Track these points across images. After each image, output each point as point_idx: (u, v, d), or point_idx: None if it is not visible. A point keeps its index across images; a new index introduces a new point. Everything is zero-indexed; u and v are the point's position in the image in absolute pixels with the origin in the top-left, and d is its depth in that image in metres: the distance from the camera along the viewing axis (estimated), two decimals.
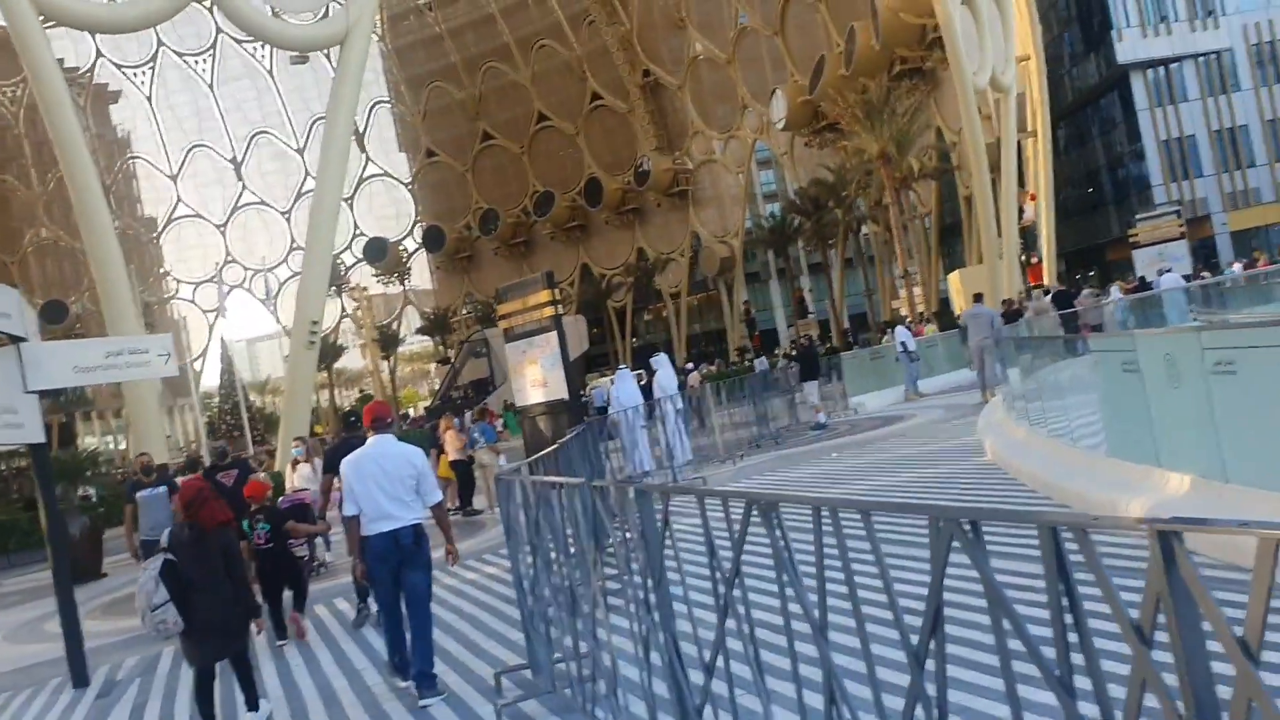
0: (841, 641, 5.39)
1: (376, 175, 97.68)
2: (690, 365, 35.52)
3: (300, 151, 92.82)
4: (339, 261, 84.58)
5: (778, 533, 3.31)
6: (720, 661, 3.91)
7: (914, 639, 2.68)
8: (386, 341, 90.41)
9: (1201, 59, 62.25)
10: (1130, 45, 60.97)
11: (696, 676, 4.40)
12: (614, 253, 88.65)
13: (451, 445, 18.73)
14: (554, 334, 18.59)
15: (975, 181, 43.78)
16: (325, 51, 64.53)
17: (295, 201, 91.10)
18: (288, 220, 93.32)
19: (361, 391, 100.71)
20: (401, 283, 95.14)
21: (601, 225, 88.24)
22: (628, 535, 4.80)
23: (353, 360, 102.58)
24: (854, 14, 65.46)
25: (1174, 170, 62.45)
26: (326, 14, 41.16)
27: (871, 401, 24.47)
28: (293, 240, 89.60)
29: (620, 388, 18.47)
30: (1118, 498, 8.00)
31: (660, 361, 19.44)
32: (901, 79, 60.88)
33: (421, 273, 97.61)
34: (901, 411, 22.12)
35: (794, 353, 24.59)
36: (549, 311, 18.61)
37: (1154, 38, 61.43)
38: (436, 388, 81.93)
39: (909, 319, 25.94)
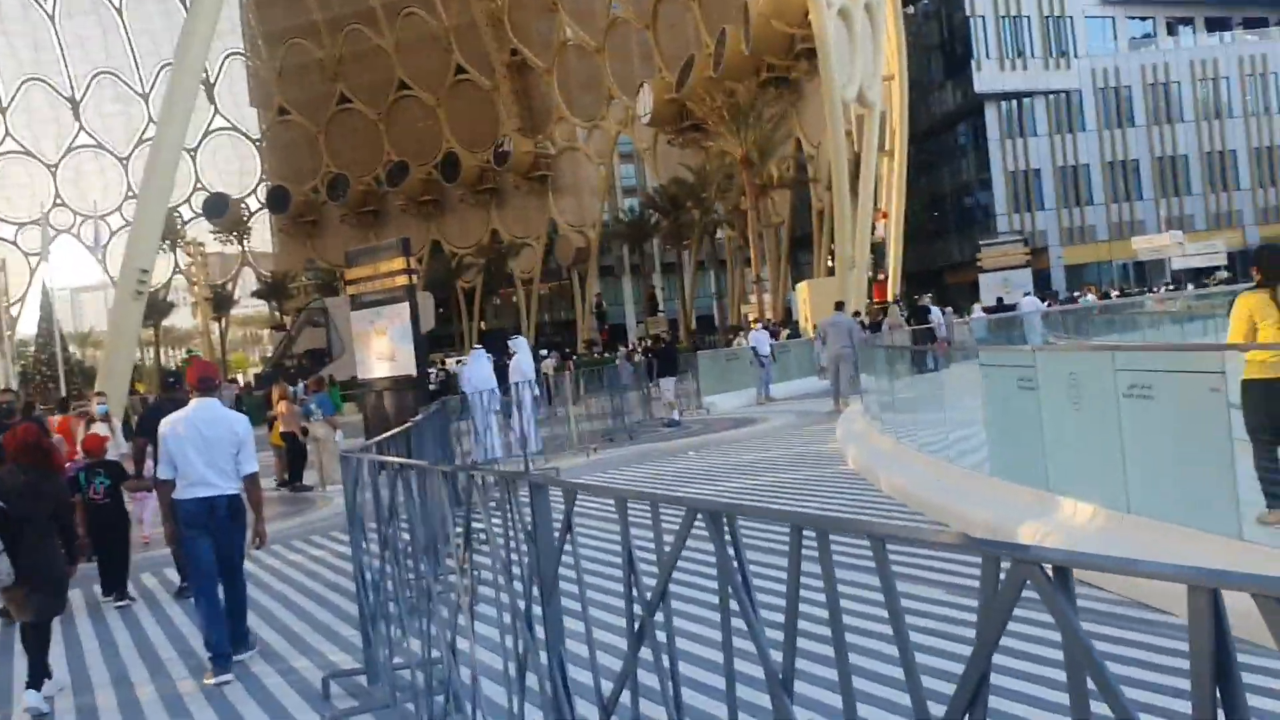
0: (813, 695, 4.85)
1: (224, 129, 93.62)
2: (545, 352, 34.72)
3: (145, 97, 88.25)
4: (175, 214, 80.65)
5: (730, 550, 2.60)
6: (626, 698, 3.18)
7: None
8: (220, 302, 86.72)
9: (1052, 96, 64.51)
10: (988, 76, 62.77)
11: (587, 711, 3.68)
12: (467, 232, 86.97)
13: (284, 415, 17.52)
14: (406, 305, 17.54)
15: (835, 192, 44.16)
16: None
17: (135, 149, 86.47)
18: (125, 167, 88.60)
19: (189, 351, 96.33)
20: (240, 242, 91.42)
21: (456, 202, 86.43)
22: (513, 534, 4.02)
23: (182, 319, 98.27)
24: (726, 16, 65.57)
25: (1018, 201, 64.62)
26: None
27: (723, 402, 24.14)
28: (129, 188, 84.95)
29: (474, 368, 17.56)
30: (1006, 521, 7.60)
31: (519, 344, 18.62)
32: (768, 86, 61.23)
33: (263, 234, 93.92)
34: (754, 414, 21.82)
35: (652, 348, 24.08)
36: (402, 281, 17.57)
37: (1010, 71, 63.41)
38: (269, 355, 78.91)
39: (771, 321, 25.70)
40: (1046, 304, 30.26)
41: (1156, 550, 6.24)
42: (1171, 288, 44.49)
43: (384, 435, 8.08)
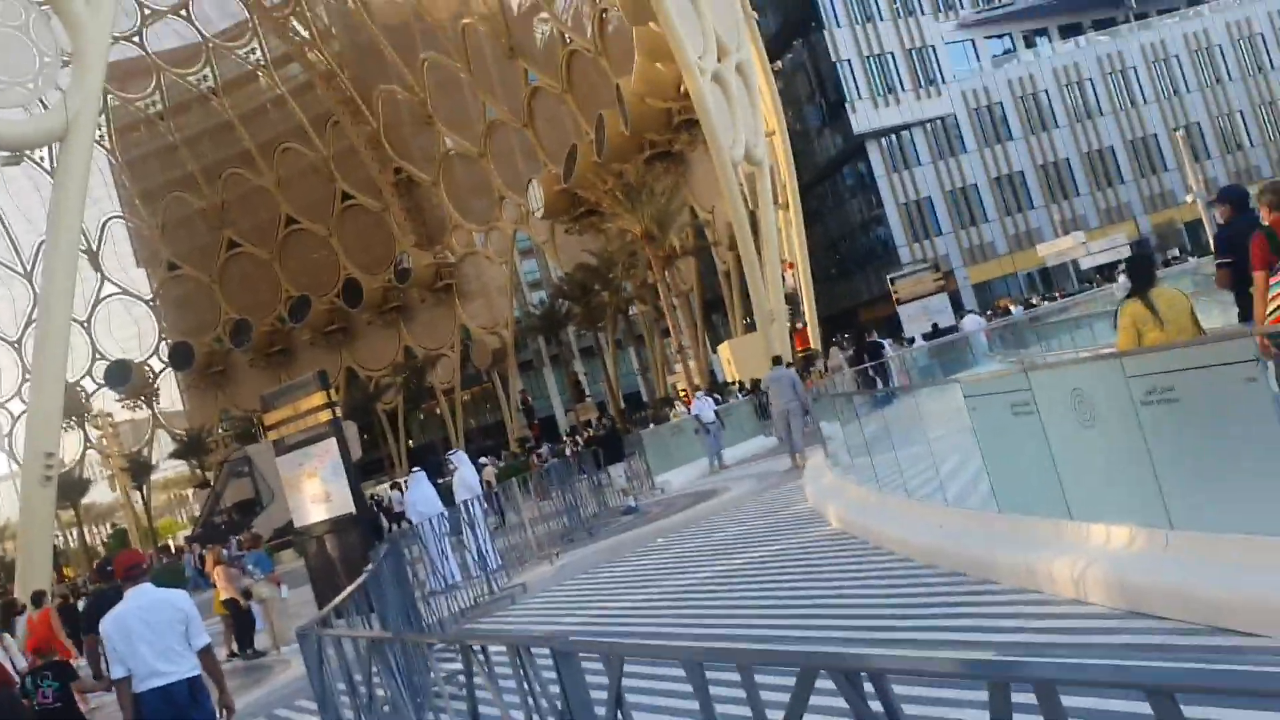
0: None
1: (115, 294, 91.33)
2: (483, 460, 33.74)
3: (27, 276, 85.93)
4: (78, 389, 78.24)
5: None
6: None
7: None
8: (137, 470, 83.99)
9: (929, 125, 65.76)
10: (864, 115, 63.81)
11: None
12: (379, 353, 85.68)
13: (222, 582, 16.36)
14: (333, 440, 16.66)
15: (741, 252, 44.12)
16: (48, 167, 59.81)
17: (24, 330, 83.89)
18: (17, 350, 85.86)
19: (114, 526, 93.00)
20: (150, 406, 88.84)
21: (364, 326, 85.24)
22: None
23: (102, 493, 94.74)
24: (599, 103, 66.11)
25: (915, 230, 65.41)
26: (43, 108, 37.65)
27: (676, 478, 23.42)
28: (25, 371, 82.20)
29: (416, 491, 16.61)
30: (1037, 561, 6.96)
31: (460, 458, 17.71)
32: (653, 162, 61.56)
33: (171, 393, 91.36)
34: (712, 485, 21.08)
35: (594, 436, 23.30)
36: (325, 416, 16.70)
37: (884, 108, 64.55)
38: (197, 514, 76.30)
39: (701, 390, 25.10)
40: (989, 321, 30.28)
41: (1216, 566, 5.65)
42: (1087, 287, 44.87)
43: (340, 597, 7.19)
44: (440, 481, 19.06)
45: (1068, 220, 65.18)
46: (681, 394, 51.96)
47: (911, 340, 33.33)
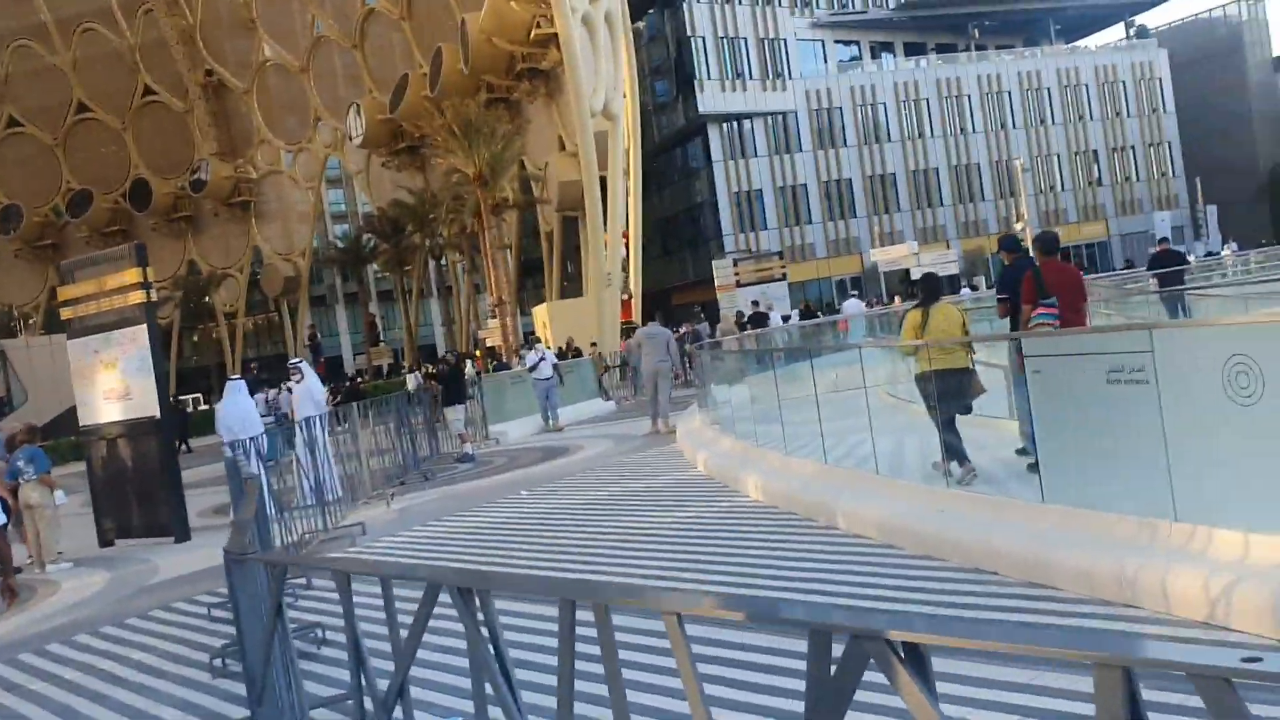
0: None
1: None
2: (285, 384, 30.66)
3: None
4: None
5: None
6: None
7: None
8: None
9: (770, 117, 65.50)
10: (710, 97, 62.93)
11: None
12: (162, 264, 78.99)
13: None
14: (143, 328, 14.01)
15: (588, 206, 42.29)
16: None
17: None
18: None
19: None
20: None
21: (148, 232, 78.68)
22: None
23: None
24: (439, 35, 63.10)
25: (743, 221, 65.06)
26: None
27: (513, 430, 21.50)
28: None
29: (232, 406, 14.10)
30: (1141, 571, 5.54)
31: (306, 368, 15.25)
32: (491, 106, 58.95)
33: None
34: (562, 442, 19.24)
35: (434, 373, 21.10)
36: (137, 297, 14.03)
37: (730, 93, 63.83)
38: None
39: (540, 342, 23.19)
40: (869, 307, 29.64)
41: None
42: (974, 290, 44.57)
43: (247, 511, 5.08)
44: (276, 392, 16.51)
45: (886, 234, 66.20)
46: (477, 354, 49.87)
47: (787, 318, 32.45)
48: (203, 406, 59.06)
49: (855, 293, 35.70)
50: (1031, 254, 9.14)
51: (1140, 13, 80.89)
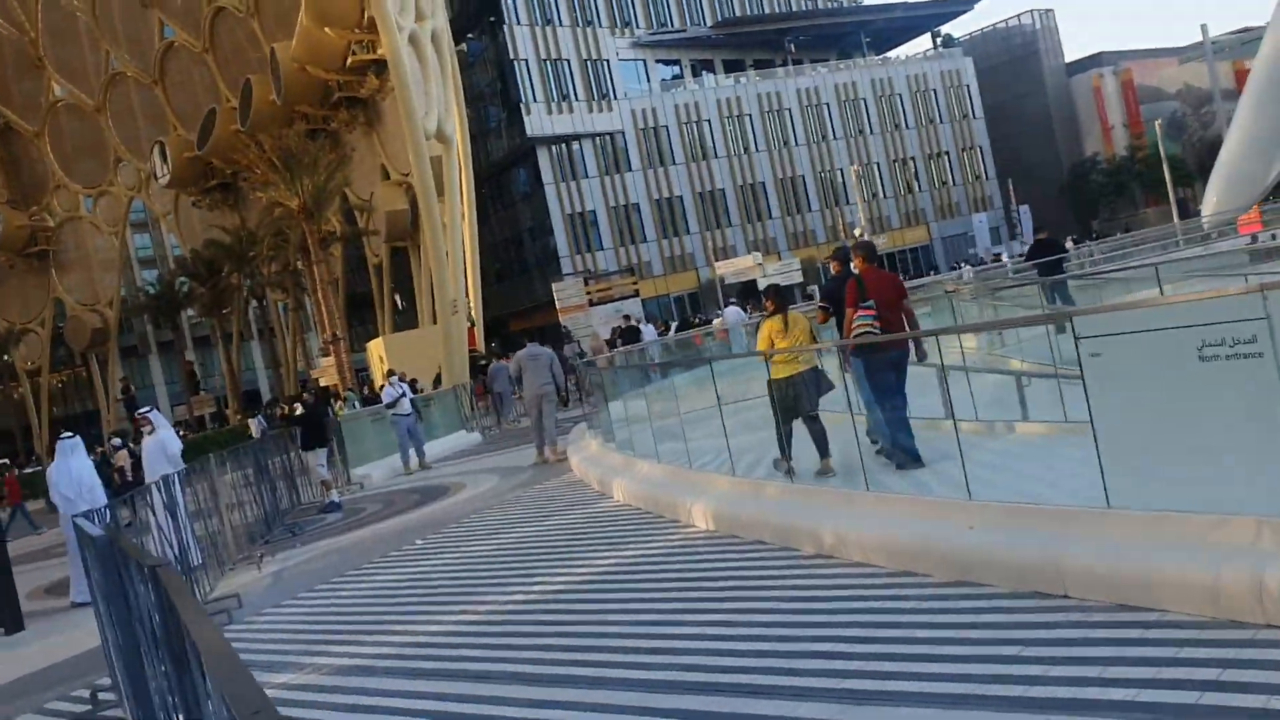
0: None
1: None
2: (117, 441, 27.72)
3: None
4: None
5: None
6: None
7: None
8: None
9: (599, 138, 64.90)
10: (537, 120, 61.92)
11: None
12: None
13: None
14: None
15: (425, 230, 40.48)
16: None
17: None
18: None
19: None
20: None
21: None
22: None
23: None
24: (245, 66, 60.42)
25: (578, 243, 64.16)
26: None
27: (376, 473, 19.82)
28: None
29: (65, 470, 12.14)
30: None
31: (157, 417, 13.30)
32: (309, 138, 56.58)
33: None
34: (437, 481, 17.66)
35: (288, 414, 19.21)
36: None
37: (558, 114, 62.97)
38: None
39: (398, 374, 21.54)
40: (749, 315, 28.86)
41: None
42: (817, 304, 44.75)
43: None
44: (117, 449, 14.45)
45: (718, 249, 66.33)
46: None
47: (664, 331, 31.47)
48: (27, 470, 54.21)
49: (734, 300, 35.21)
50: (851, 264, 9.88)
51: (943, 23, 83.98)
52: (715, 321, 27.46)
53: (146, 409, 13.79)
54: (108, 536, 5.43)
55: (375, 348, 49.33)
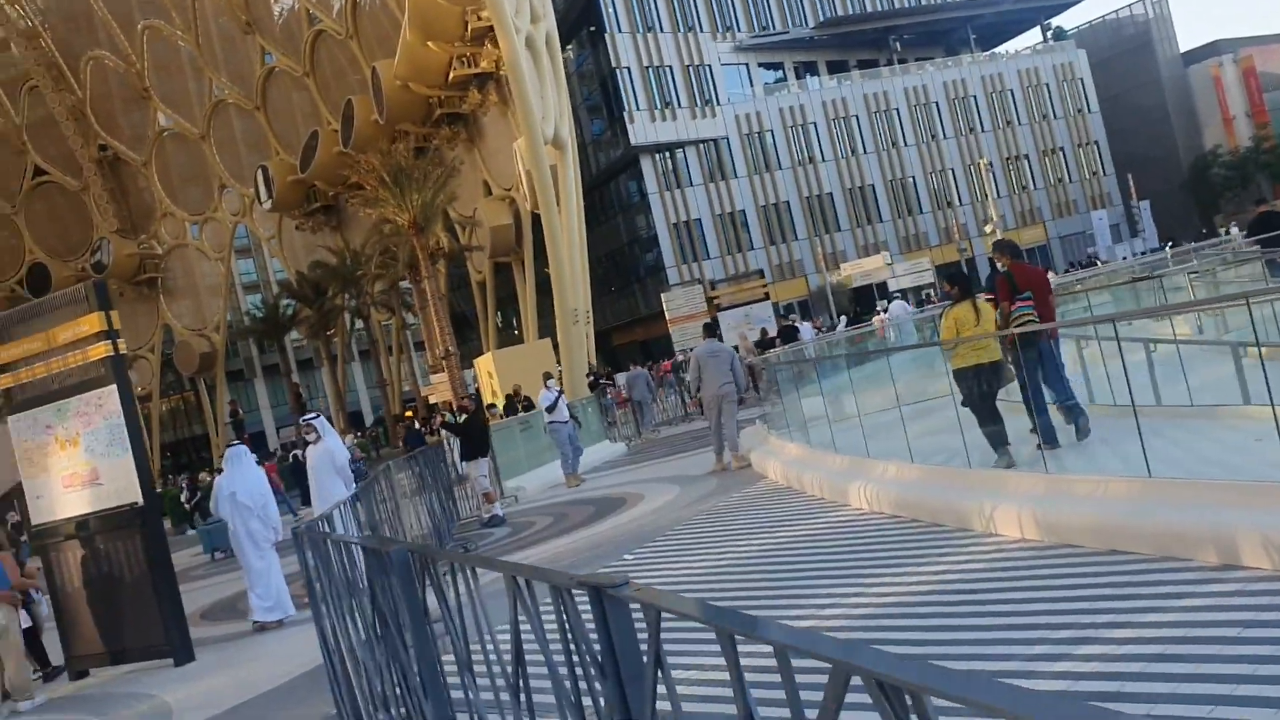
0: None
1: None
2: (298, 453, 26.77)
3: None
4: None
5: None
6: None
7: None
8: None
9: (702, 145, 63.53)
10: (641, 128, 60.74)
11: None
12: None
13: None
14: (111, 389, 10.90)
15: (548, 237, 39.30)
16: None
17: None
18: None
19: None
20: None
21: None
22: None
23: None
24: (346, 89, 60.50)
25: (684, 252, 62.78)
26: None
27: (530, 484, 18.54)
28: None
29: (237, 475, 11.02)
30: None
31: (322, 424, 12.06)
32: (417, 155, 56.24)
33: None
34: (604, 493, 16.19)
35: (451, 423, 18.03)
36: (100, 351, 10.94)
37: (661, 122, 61.73)
38: None
39: (552, 379, 20.19)
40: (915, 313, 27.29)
41: None
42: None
43: None
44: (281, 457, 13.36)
45: (829, 255, 64.38)
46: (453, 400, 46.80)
47: (833, 326, 30.00)
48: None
49: (899, 294, 33.65)
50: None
51: (1052, 16, 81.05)
52: (875, 319, 25.77)
53: (312, 415, 12.57)
54: (405, 549, 4.12)
55: (484, 364, 48.40)
